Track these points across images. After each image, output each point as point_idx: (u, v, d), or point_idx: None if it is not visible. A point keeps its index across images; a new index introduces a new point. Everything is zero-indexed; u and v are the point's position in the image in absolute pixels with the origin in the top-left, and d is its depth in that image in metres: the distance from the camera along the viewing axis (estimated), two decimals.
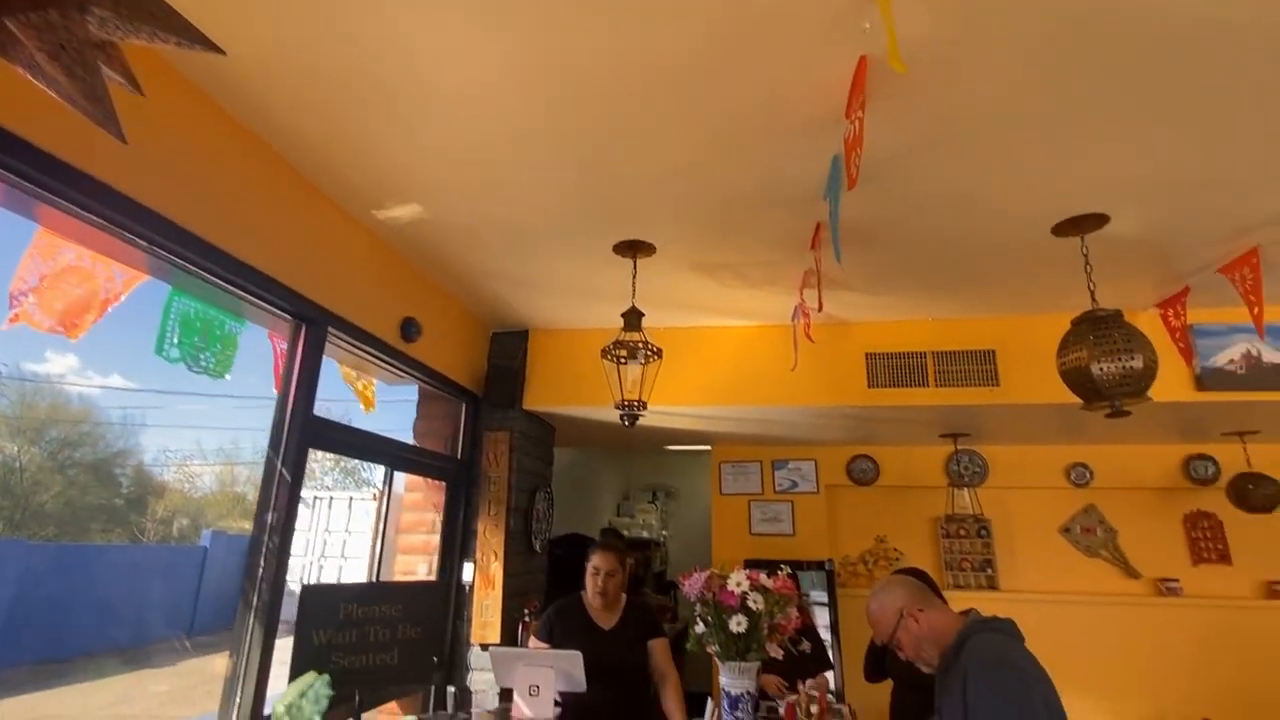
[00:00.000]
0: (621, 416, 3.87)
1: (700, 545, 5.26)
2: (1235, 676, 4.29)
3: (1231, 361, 3.32)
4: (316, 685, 1.71)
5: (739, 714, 2.09)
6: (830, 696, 3.86)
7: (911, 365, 3.61)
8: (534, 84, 1.87)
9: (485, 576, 3.54)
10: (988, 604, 4.56)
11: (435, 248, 2.95)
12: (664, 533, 8.06)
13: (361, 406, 3.19)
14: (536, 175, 2.33)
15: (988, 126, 1.99)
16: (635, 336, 2.68)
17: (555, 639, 2.68)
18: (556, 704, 2.51)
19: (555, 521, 4.99)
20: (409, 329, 2.99)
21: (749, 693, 2.10)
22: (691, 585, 2.10)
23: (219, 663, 2.10)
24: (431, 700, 3.21)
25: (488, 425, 3.83)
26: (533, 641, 2.83)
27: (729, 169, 2.26)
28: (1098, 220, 2.48)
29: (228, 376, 2.12)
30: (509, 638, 3.51)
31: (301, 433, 2.33)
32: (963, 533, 4.83)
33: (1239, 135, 2.02)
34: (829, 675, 3.85)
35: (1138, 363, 2.20)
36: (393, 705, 3.21)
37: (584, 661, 2.45)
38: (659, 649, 2.71)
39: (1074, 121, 1.96)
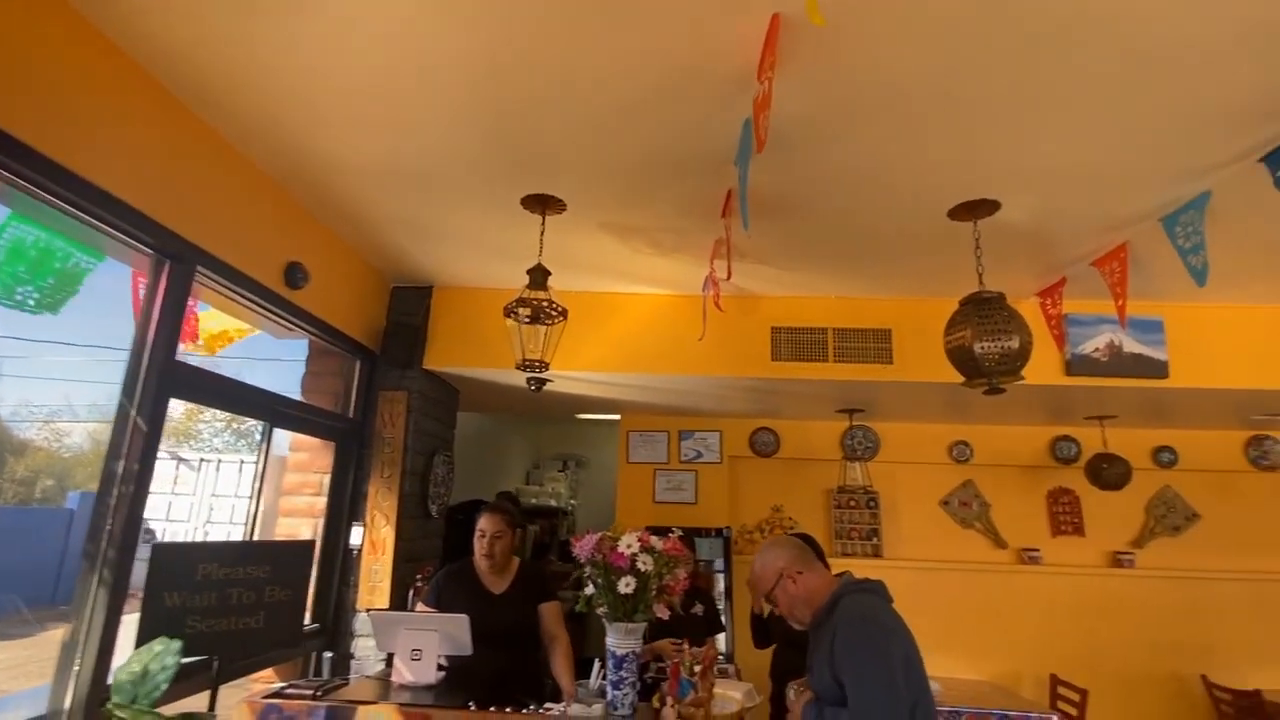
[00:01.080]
0: (529, 380, 3.78)
1: (608, 514, 5.27)
2: (1081, 636, 4.76)
3: (1097, 350, 3.60)
4: (163, 652, 1.56)
5: (623, 673, 2.10)
6: (720, 657, 3.99)
7: (813, 341, 3.71)
8: (451, 9, 1.72)
9: (375, 541, 3.40)
10: (872, 570, 4.81)
11: (328, 188, 2.74)
12: (572, 501, 8.06)
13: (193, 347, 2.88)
14: (444, 116, 2.18)
15: (895, 103, 2.01)
16: (540, 295, 2.59)
17: (443, 603, 2.60)
18: (441, 668, 2.45)
19: (459, 487, 4.86)
20: (294, 274, 2.77)
21: (634, 652, 2.11)
22: (583, 547, 2.07)
23: None
24: (312, 667, 3.07)
25: (384, 384, 3.64)
26: (420, 606, 2.74)
27: (643, 128, 2.20)
28: (990, 206, 2.60)
29: (58, 313, 1.88)
30: (400, 603, 3.40)
31: (160, 379, 2.11)
32: (853, 504, 5.08)
33: (1112, 134, 2.15)
34: (720, 638, 3.98)
35: (1014, 344, 2.33)
36: (269, 673, 3.05)
37: (472, 626, 2.39)
38: (549, 613, 2.69)
39: (971, 106, 2.02)
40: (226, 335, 3.20)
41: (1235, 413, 4.35)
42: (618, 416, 5.37)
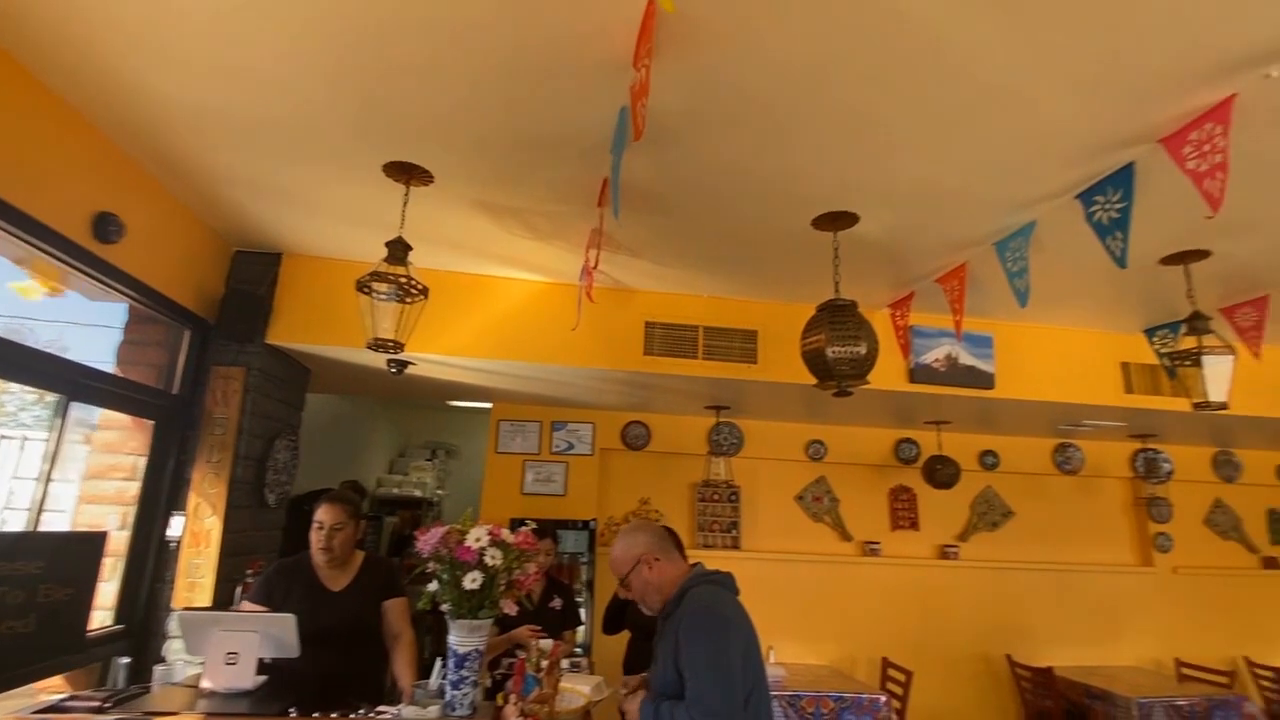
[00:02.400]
0: (389, 363, 3.56)
1: (479, 505, 5.10)
2: (912, 622, 5.20)
3: (936, 360, 3.93)
4: None
5: (464, 672, 2.00)
6: (578, 649, 3.97)
7: (685, 337, 3.76)
8: None
9: (197, 532, 3.05)
10: (730, 562, 5.00)
11: (152, 133, 2.40)
12: (440, 492, 7.75)
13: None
14: (296, 64, 1.96)
15: (768, 107, 2.05)
16: (399, 270, 2.42)
17: (274, 601, 2.37)
18: (264, 671, 2.23)
19: (310, 475, 4.49)
20: (105, 227, 2.41)
21: (477, 650, 2.02)
22: (427, 541, 1.95)
23: None
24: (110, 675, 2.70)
25: (219, 359, 3.28)
26: (246, 605, 2.48)
27: (519, 105, 2.10)
28: (850, 219, 2.74)
29: None
30: (226, 601, 3.07)
31: None
32: (716, 497, 5.24)
33: (958, 161, 2.32)
34: (580, 630, 3.96)
35: (863, 349, 2.47)
36: (59, 681, 2.64)
37: (305, 625, 2.20)
38: (394, 609, 2.53)
39: (836, 120, 2.10)
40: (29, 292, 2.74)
41: (1047, 422, 4.92)
42: (490, 405, 5.20)
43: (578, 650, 3.92)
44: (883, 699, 3.91)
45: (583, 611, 4.54)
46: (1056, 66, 1.83)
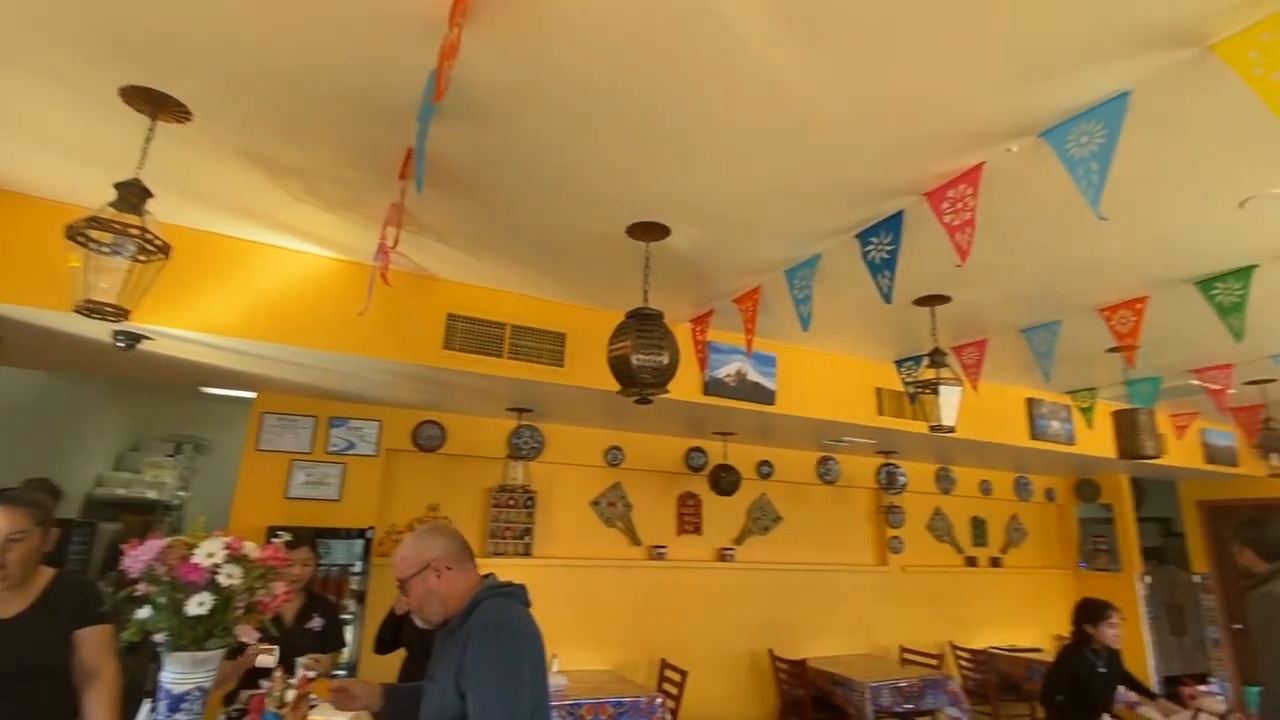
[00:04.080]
0: (115, 335, 2.94)
1: (229, 510, 4.37)
2: (691, 623, 5.46)
3: (728, 375, 4.17)
4: None
5: (181, 715, 1.64)
6: (339, 673, 3.55)
7: (490, 334, 3.57)
8: None
9: None
10: (521, 569, 4.87)
11: None
12: (182, 494, 6.60)
13: None
14: None
15: (593, 103, 1.98)
16: (131, 219, 1.95)
17: None
18: None
19: (3, 471, 3.54)
20: None
21: (201, 688, 1.66)
22: (138, 556, 1.57)
23: None
24: None
25: None
26: None
27: (311, 45, 1.79)
28: (662, 231, 2.78)
29: None
30: None
31: None
32: (511, 502, 5.07)
33: (759, 187, 2.45)
34: (344, 651, 3.54)
35: (665, 359, 2.51)
36: None
37: None
38: (90, 641, 2.03)
39: (654, 129, 2.10)
40: None
41: (814, 437, 5.48)
42: (253, 394, 4.52)
43: (339, 674, 3.51)
44: (659, 700, 4.02)
45: (351, 632, 4.10)
46: (852, 111, 1.99)
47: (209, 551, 1.60)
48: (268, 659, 2.13)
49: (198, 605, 1.59)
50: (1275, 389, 4.84)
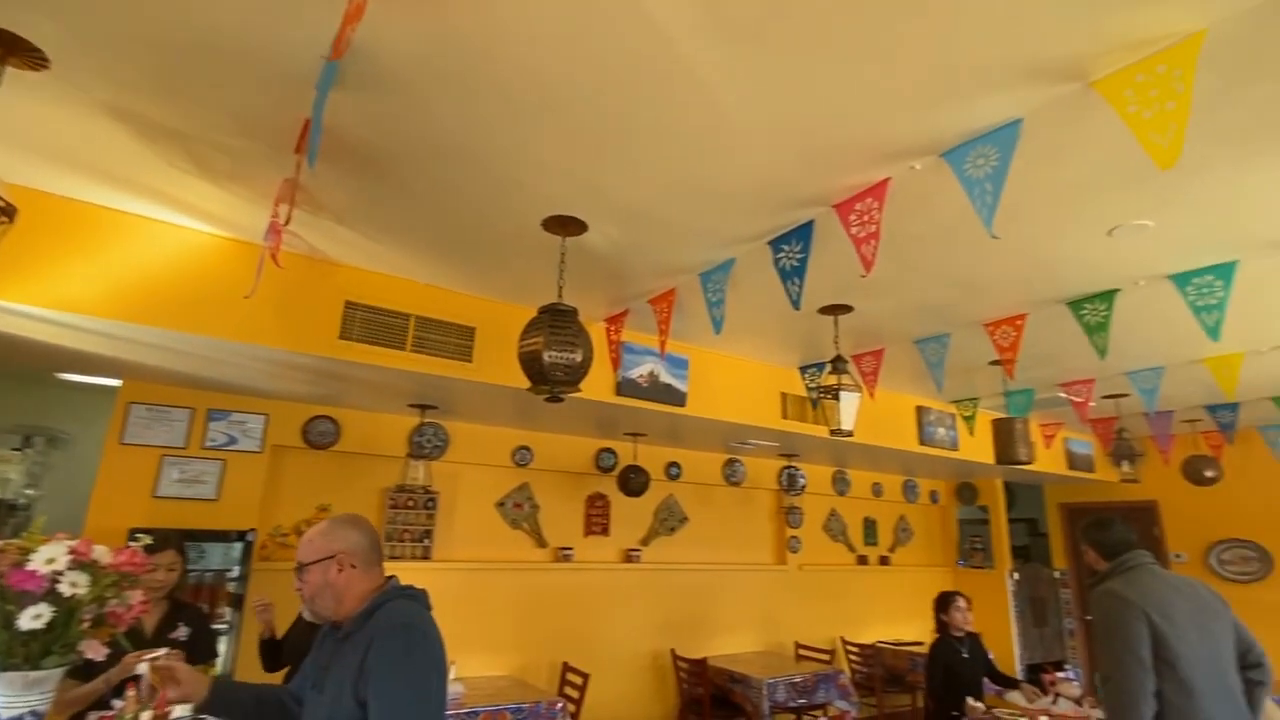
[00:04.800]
0: None
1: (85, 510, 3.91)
2: (595, 625, 5.42)
3: (641, 376, 4.17)
4: None
5: None
6: None
7: (393, 325, 3.39)
8: None
9: None
10: (420, 573, 4.65)
11: None
12: (30, 492, 5.87)
13: None
14: None
15: (511, 83, 1.91)
16: None
17: None
18: None
19: None
20: None
21: (35, 712, 1.45)
22: None
23: None
24: None
25: None
26: None
27: None
28: (579, 226, 2.72)
29: None
30: None
31: None
32: (410, 504, 4.84)
33: (676, 190, 2.45)
34: (215, 664, 3.25)
35: (578, 357, 2.46)
36: None
37: None
38: None
39: (579, 119, 2.05)
40: None
41: (721, 440, 5.58)
42: (119, 382, 4.08)
43: None
44: (559, 704, 3.95)
45: (226, 642, 3.77)
46: (771, 118, 2.02)
47: (49, 557, 1.40)
48: (143, 668, 1.88)
49: (33, 619, 1.38)
50: (1128, 403, 5.38)
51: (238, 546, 3.99)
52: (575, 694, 4.36)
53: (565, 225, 2.71)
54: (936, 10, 1.59)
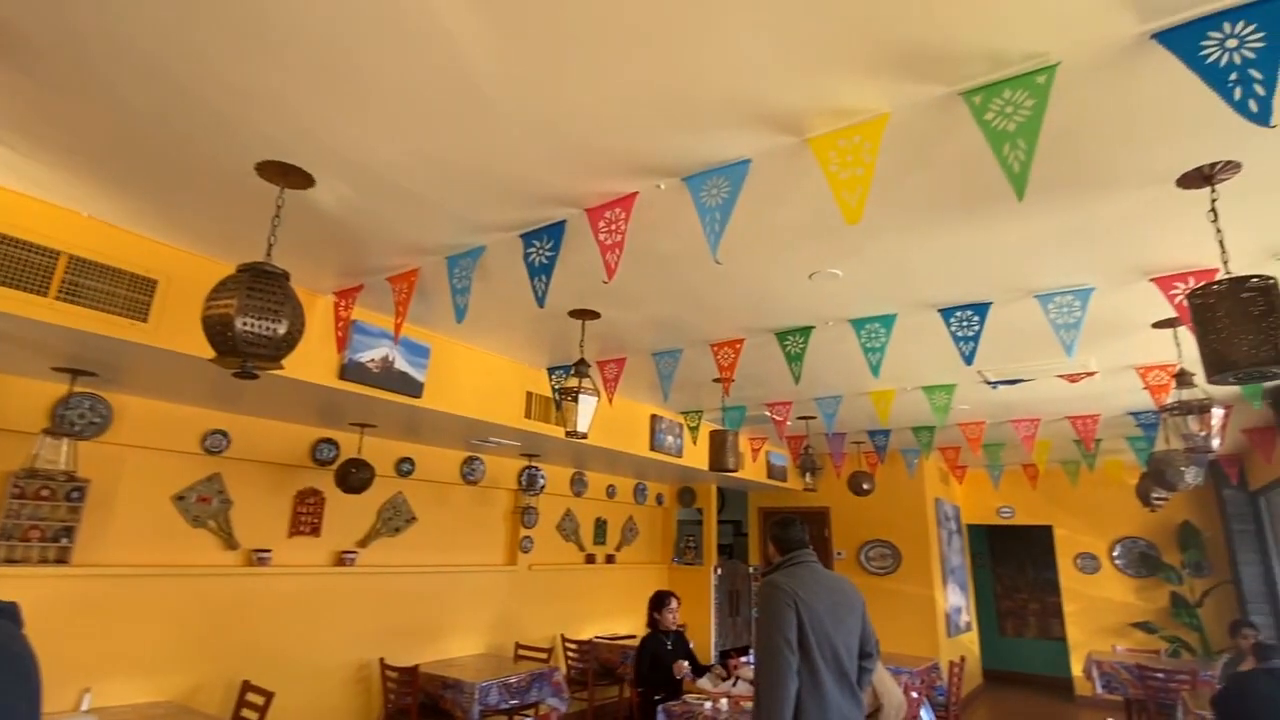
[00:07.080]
0: None
1: None
2: (293, 637, 4.77)
3: (372, 361, 3.80)
4: None
5: None
6: None
7: (33, 262, 2.63)
8: None
9: None
10: (54, 581, 3.68)
11: None
12: None
13: None
14: None
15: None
16: None
17: None
18: None
19: None
20: None
21: None
22: None
23: None
24: None
25: None
26: None
27: None
28: (303, 178, 2.38)
29: None
30: None
31: None
32: (45, 494, 3.80)
33: (426, 154, 2.27)
34: None
35: (282, 329, 2.12)
36: None
37: None
38: None
39: (313, 47, 1.77)
40: None
41: (461, 436, 5.36)
42: None
43: None
44: None
45: None
46: (532, 107, 1.96)
47: None
48: None
49: None
50: (814, 424, 6.36)
51: None
52: (254, 716, 3.79)
53: (285, 174, 2.35)
54: (660, 41, 1.67)
